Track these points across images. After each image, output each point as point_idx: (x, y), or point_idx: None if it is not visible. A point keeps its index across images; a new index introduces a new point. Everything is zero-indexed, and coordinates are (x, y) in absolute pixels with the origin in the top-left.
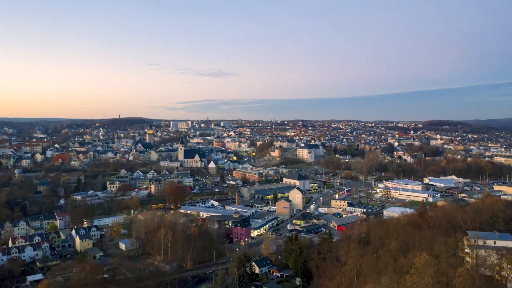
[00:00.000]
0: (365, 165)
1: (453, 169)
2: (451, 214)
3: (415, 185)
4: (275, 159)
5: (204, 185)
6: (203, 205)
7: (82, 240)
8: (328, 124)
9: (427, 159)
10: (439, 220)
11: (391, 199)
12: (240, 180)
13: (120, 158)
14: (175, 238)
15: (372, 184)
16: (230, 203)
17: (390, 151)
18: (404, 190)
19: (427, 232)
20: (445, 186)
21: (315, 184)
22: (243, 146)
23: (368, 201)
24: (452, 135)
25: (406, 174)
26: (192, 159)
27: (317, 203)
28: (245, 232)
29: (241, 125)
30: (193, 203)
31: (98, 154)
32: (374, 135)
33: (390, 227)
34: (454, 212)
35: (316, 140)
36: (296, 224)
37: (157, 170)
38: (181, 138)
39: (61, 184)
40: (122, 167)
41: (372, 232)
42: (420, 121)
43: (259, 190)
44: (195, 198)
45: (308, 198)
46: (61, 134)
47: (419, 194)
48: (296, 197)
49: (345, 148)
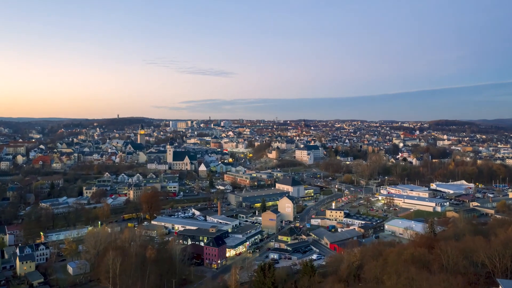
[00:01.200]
0: (367, 168)
1: (463, 173)
2: (470, 247)
3: (421, 191)
4: (271, 161)
5: (190, 191)
6: (183, 214)
7: (23, 262)
8: (331, 124)
9: (434, 162)
10: (455, 257)
11: (394, 208)
12: (230, 185)
13: (106, 160)
14: (126, 263)
15: (374, 190)
16: (213, 213)
17: (395, 152)
18: (408, 197)
19: (439, 276)
20: (454, 192)
21: (311, 190)
22: (241, 147)
23: (369, 211)
24: (460, 136)
25: (412, 178)
26: (182, 161)
27: (310, 213)
28: (217, 253)
29: (242, 125)
30: (172, 212)
31: (83, 156)
32: (379, 136)
33: (388, 262)
34: (474, 244)
35: (317, 141)
36: (281, 240)
37: (144, 173)
38: (170, 139)
39: (32, 190)
40: (107, 170)
41: (366, 266)
42: (426, 121)
43: (247, 198)
44: (176, 206)
45: (301, 206)
46: (57, 134)
47: (426, 202)
48: (286, 207)
49: (347, 150)
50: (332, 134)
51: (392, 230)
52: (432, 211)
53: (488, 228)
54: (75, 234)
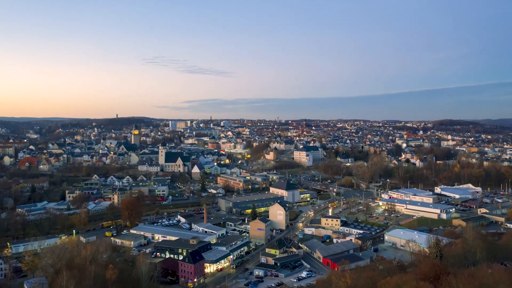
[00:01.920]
0: (367, 171)
1: (469, 175)
2: (488, 282)
3: (425, 196)
4: (269, 162)
5: (180, 194)
6: (167, 222)
7: None
8: (333, 124)
9: (439, 164)
10: None
11: (395, 215)
12: (222, 188)
13: (96, 161)
14: (82, 285)
15: (375, 194)
16: (199, 220)
17: (398, 153)
18: (411, 203)
19: None
20: (460, 197)
21: (307, 194)
22: (239, 148)
23: (368, 218)
24: (465, 136)
25: (415, 181)
26: (174, 163)
27: (305, 220)
28: (193, 270)
29: (242, 125)
30: (156, 219)
31: (72, 157)
32: (381, 136)
33: None
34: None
35: (317, 141)
36: (269, 254)
37: (134, 175)
38: (162, 140)
39: (12, 194)
40: (96, 172)
41: None
42: (430, 121)
43: (237, 203)
44: (162, 212)
45: (295, 213)
46: (54, 134)
47: (430, 209)
48: (278, 214)
49: (348, 151)
50: (333, 134)
51: (393, 242)
52: (436, 218)
53: (503, 246)
54: (45, 244)
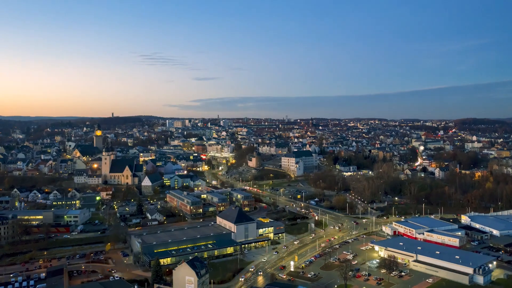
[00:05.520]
0: (368, 187)
1: (509, 194)
2: None
3: (448, 231)
4: (250, 170)
5: (103, 222)
6: (18, 284)
7: None
8: (344, 123)
9: (465, 175)
10: None
11: (398, 273)
12: (160, 212)
13: (29, 170)
14: None
15: (374, 222)
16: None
17: (412, 158)
18: (424, 251)
19: None
20: (501, 233)
21: (270, 228)
22: (226, 151)
23: (352, 277)
24: (492, 136)
25: (433, 201)
26: (121, 173)
27: (247, 283)
28: None
29: (245, 124)
30: (15, 274)
31: (4, 164)
32: (396, 136)
33: None
34: None
35: (313, 144)
36: None
37: (66, 189)
38: (106, 143)
39: None
40: (23, 183)
41: None
42: (451, 119)
43: (150, 246)
44: (39, 257)
45: (243, 262)
46: (37, 134)
47: (455, 265)
48: (187, 283)
49: (351, 156)
50: (340, 134)
51: None
52: (468, 284)
53: None
54: None
